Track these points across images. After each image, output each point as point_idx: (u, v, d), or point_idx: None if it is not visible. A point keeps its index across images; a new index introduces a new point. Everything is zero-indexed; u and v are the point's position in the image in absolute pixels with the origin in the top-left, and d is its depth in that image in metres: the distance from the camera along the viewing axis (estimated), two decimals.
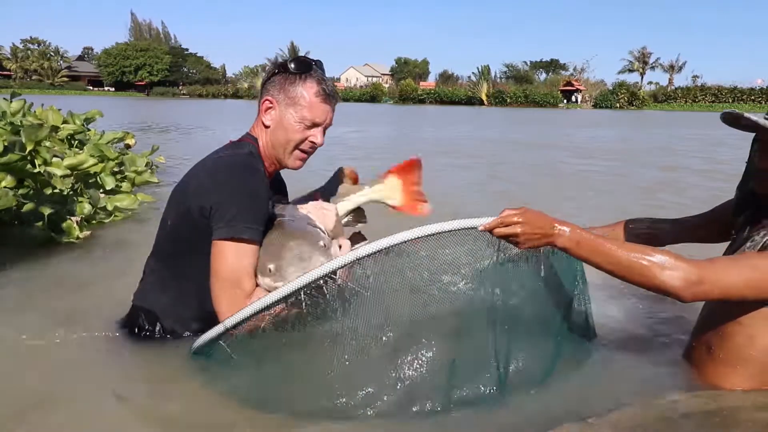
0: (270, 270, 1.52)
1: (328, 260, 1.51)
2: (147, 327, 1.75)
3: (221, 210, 1.55)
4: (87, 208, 3.09)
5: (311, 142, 1.71)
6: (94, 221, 3.20)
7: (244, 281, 1.53)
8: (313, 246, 1.58)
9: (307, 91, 1.66)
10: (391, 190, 1.98)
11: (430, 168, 2.01)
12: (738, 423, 1.41)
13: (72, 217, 2.96)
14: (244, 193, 1.58)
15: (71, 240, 2.91)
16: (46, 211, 2.79)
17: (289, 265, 1.52)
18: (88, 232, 3.03)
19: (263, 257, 1.56)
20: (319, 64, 1.73)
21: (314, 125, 1.69)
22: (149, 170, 4.15)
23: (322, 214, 1.79)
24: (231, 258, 1.54)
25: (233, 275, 1.53)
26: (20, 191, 2.87)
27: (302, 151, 1.72)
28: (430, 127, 18.67)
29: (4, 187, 2.73)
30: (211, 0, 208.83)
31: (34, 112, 4.03)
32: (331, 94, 1.69)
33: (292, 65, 1.68)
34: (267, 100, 1.69)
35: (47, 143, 3.08)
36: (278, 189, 1.93)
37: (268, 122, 1.70)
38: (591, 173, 6.99)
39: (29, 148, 2.93)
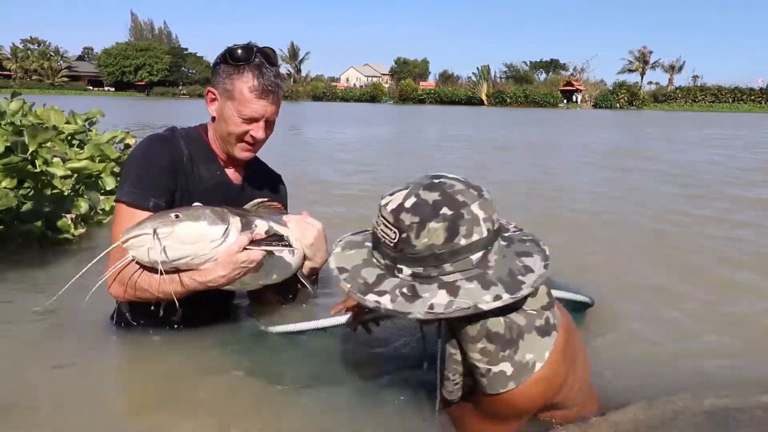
0: (172, 217, 1.42)
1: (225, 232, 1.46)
2: (120, 317, 1.78)
3: (121, 176, 1.66)
4: (84, 206, 3.10)
5: (251, 136, 1.67)
6: (92, 220, 3.21)
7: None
8: (219, 217, 1.47)
9: (243, 85, 1.61)
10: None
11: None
12: (738, 423, 1.41)
13: (67, 215, 2.96)
14: (137, 161, 1.62)
15: (66, 237, 2.91)
16: (45, 209, 2.80)
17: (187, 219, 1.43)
18: (83, 230, 3.03)
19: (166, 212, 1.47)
20: (265, 52, 1.65)
21: (252, 120, 1.65)
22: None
23: (303, 226, 1.74)
24: (117, 219, 1.60)
25: (116, 236, 1.54)
26: (20, 192, 2.87)
27: (246, 143, 1.70)
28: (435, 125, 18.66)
29: (5, 187, 2.74)
30: (211, 0, 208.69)
31: (35, 111, 4.03)
32: (269, 88, 1.62)
33: (229, 56, 1.63)
34: (210, 91, 1.69)
35: (48, 144, 3.08)
36: (262, 187, 1.90)
37: (213, 113, 1.71)
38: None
39: (32, 149, 2.94)
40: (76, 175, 3.10)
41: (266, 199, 1.79)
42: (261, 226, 1.56)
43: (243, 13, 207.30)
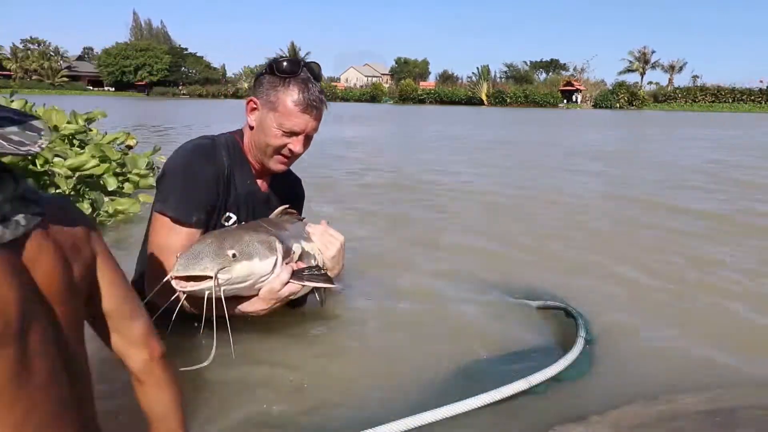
0: (230, 256, 1.43)
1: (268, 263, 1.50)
2: None
3: (159, 185, 1.64)
4: (86, 207, 3.10)
5: (289, 149, 1.66)
6: (96, 221, 3.21)
7: (171, 258, 1.50)
8: (262, 245, 1.50)
9: (287, 97, 1.60)
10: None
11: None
12: (738, 423, 1.41)
13: None
14: (182, 174, 1.61)
15: None
16: None
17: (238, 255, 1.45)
18: None
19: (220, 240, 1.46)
20: (311, 67, 1.65)
21: (293, 133, 1.63)
22: (151, 173, 4.15)
23: (326, 239, 1.76)
24: (158, 230, 1.60)
25: (160, 249, 1.56)
26: None
27: (283, 155, 1.68)
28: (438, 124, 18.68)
29: None
30: (211, 0, 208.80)
31: (36, 112, 4.03)
32: (313, 104, 1.61)
33: (276, 68, 1.61)
34: (251, 100, 1.68)
35: (50, 144, 3.09)
36: (284, 193, 1.90)
37: (252, 122, 1.70)
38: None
39: None
40: (77, 174, 3.10)
41: (287, 206, 1.83)
42: (296, 249, 1.61)
43: (243, 13, 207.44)
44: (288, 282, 1.52)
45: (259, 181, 1.79)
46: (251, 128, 1.70)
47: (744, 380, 1.69)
